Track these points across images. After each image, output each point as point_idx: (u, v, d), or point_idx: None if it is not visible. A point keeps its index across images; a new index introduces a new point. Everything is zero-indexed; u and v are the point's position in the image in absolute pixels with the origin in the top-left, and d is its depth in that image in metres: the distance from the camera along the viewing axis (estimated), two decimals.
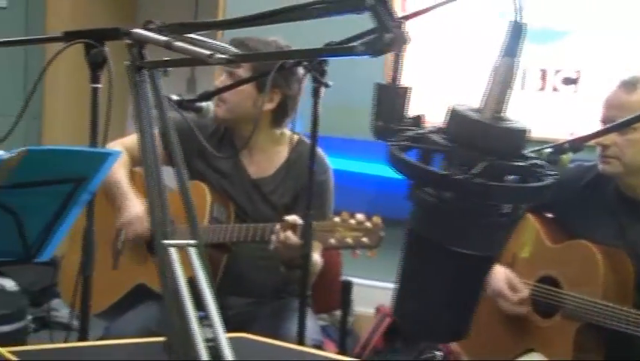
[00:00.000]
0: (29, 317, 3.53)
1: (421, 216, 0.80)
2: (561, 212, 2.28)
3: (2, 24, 4.30)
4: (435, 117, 0.93)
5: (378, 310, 3.80)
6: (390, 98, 0.78)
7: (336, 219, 2.11)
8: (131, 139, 2.45)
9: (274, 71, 1.93)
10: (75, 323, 4.09)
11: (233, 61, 0.85)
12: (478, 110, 0.81)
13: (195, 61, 0.82)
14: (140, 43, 0.95)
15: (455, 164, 0.74)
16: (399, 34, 0.75)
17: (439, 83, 3.71)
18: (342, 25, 1.01)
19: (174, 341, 0.89)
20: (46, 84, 4.59)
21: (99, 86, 1.54)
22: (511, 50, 0.85)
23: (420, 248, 0.80)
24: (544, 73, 3.60)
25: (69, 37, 1.52)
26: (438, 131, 0.80)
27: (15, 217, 1.47)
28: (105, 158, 1.55)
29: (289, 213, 2.29)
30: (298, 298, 2.39)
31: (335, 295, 2.64)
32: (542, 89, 3.62)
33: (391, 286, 3.45)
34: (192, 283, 0.95)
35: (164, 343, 1.06)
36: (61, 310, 4.11)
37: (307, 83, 2.05)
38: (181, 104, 1.91)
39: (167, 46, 0.85)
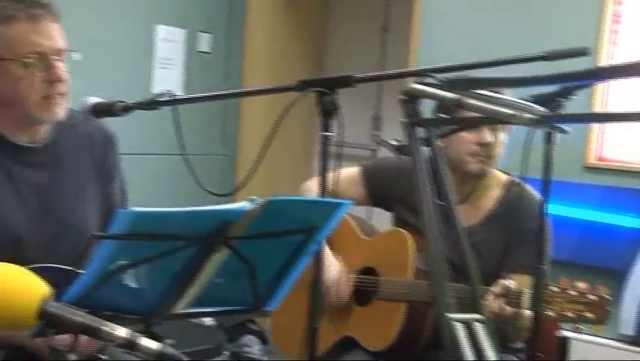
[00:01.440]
0: (226, 353, 3.61)
1: None
2: None
3: (205, 67, 4.55)
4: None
5: None
6: None
7: (554, 288, 1.90)
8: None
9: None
10: (267, 359, 4.16)
11: (542, 122, 0.76)
12: None
13: (485, 119, 0.75)
14: (414, 98, 0.89)
15: None
16: None
17: None
18: None
19: None
20: (242, 125, 4.77)
21: (331, 134, 1.52)
22: None
23: None
24: None
25: (304, 85, 1.52)
26: None
27: (250, 267, 1.47)
28: (337, 208, 1.52)
29: (499, 265, 2.16)
30: (511, 353, 2.25)
31: (548, 351, 2.46)
32: None
33: (596, 339, 3.12)
34: None
35: None
36: (253, 346, 4.19)
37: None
38: (401, 150, 1.86)
39: (458, 104, 0.78)
